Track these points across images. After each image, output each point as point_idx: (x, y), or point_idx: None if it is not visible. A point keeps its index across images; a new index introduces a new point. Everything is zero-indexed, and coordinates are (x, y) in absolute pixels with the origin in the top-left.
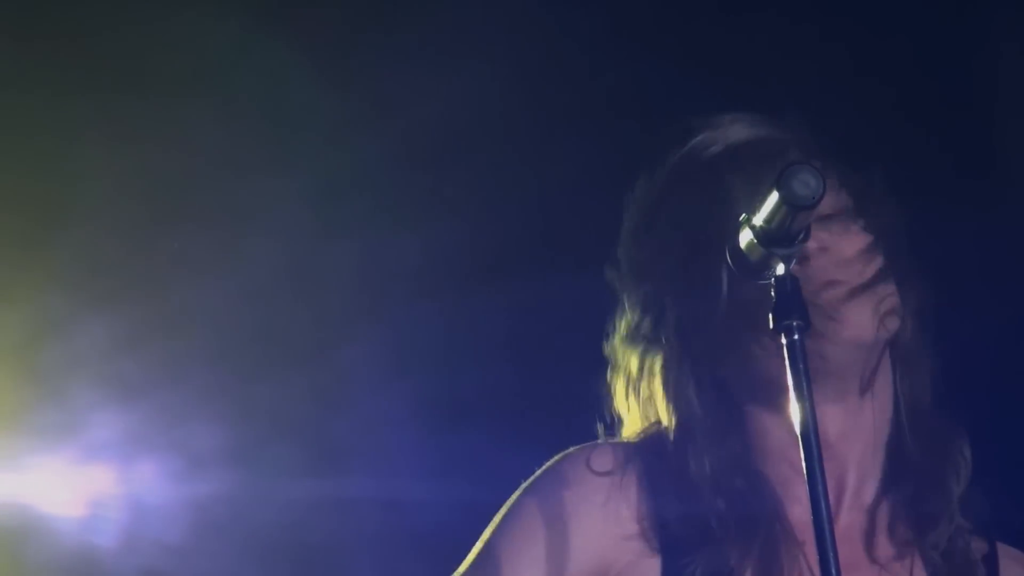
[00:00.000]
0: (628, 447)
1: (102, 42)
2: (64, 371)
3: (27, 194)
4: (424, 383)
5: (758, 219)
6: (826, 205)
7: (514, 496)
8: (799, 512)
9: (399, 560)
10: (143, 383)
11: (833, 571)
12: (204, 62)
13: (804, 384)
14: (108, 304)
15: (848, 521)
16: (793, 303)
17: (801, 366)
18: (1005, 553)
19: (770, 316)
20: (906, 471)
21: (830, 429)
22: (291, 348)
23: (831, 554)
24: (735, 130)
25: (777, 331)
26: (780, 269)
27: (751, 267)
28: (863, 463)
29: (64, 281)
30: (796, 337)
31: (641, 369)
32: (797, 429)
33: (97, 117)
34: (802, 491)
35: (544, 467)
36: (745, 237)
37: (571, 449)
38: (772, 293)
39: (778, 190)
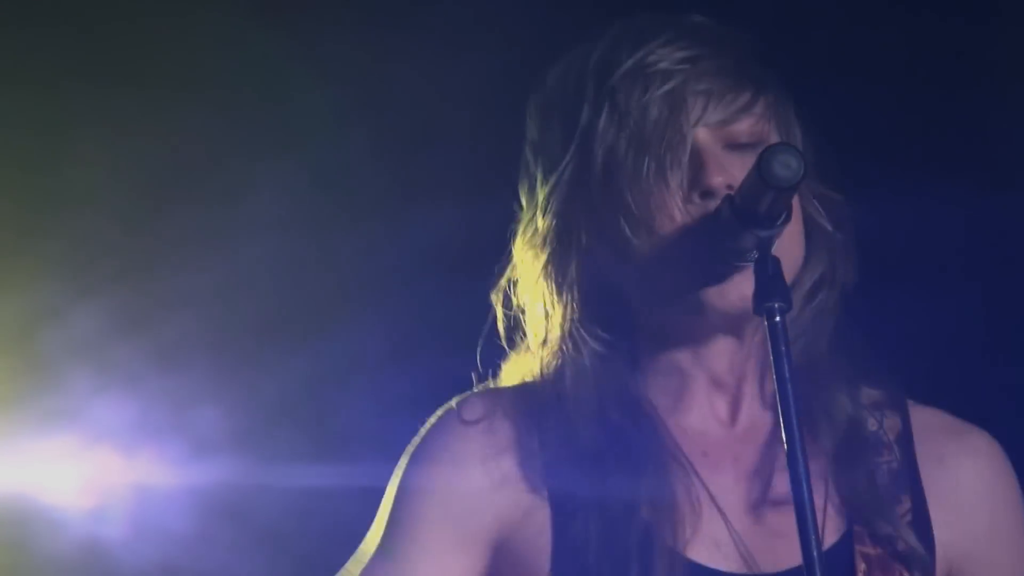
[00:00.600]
0: (502, 391)
1: (96, 32)
2: (67, 359)
3: (24, 181)
4: (433, 368)
5: (738, 199)
6: (744, 132)
7: (398, 470)
8: (685, 423)
9: None
10: (148, 370)
11: (814, 553)
12: (199, 51)
13: (785, 367)
14: (111, 291)
15: (749, 422)
16: (775, 285)
17: (783, 348)
18: (922, 423)
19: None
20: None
21: (719, 347)
22: (299, 332)
23: (814, 543)
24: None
25: (759, 314)
26: (761, 250)
27: (731, 248)
28: (761, 370)
29: (64, 269)
30: (778, 320)
31: (532, 266)
32: (780, 411)
33: (92, 106)
34: (694, 402)
35: (422, 429)
36: (725, 217)
37: (444, 405)
38: (753, 275)
39: (758, 170)
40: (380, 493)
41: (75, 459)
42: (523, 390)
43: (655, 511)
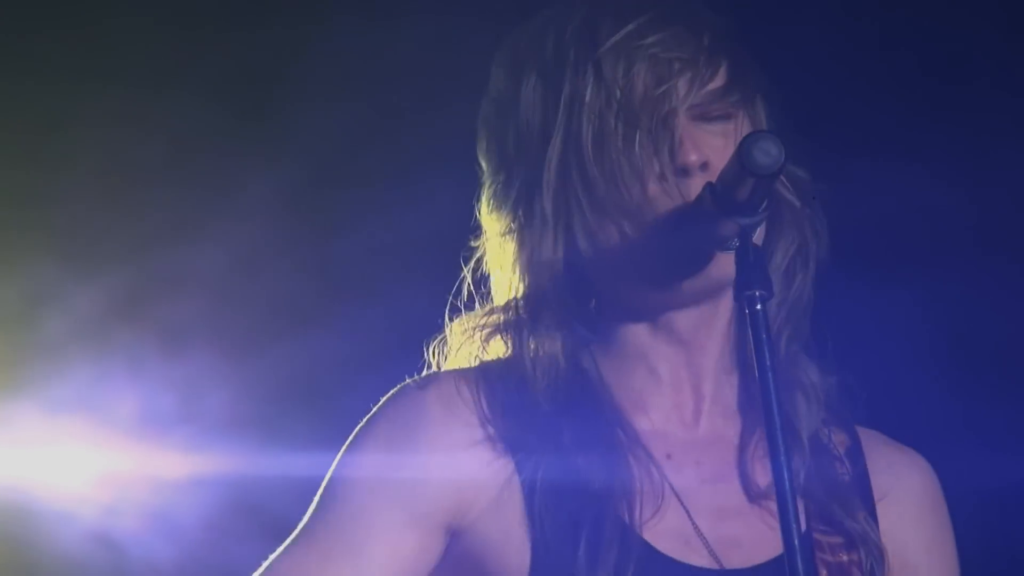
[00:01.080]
0: (461, 371)
1: (93, 19)
2: (72, 345)
3: (26, 166)
4: None
5: (719, 186)
6: (716, 107)
7: (341, 450)
8: (647, 424)
9: None
10: (155, 356)
11: (796, 542)
12: (196, 37)
13: (766, 355)
14: (115, 275)
15: (711, 427)
16: (755, 273)
17: (764, 337)
18: (868, 439)
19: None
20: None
21: (683, 326)
22: (314, 315)
23: (793, 526)
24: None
25: (739, 301)
26: (742, 238)
27: (712, 235)
28: (718, 368)
29: (64, 252)
30: (759, 308)
31: (503, 249)
32: (760, 396)
33: (93, 89)
34: (656, 402)
35: (373, 410)
36: (706, 204)
37: (392, 390)
38: (734, 262)
39: (738, 158)
40: None
41: (81, 448)
42: (481, 370)
43: (625, 504)
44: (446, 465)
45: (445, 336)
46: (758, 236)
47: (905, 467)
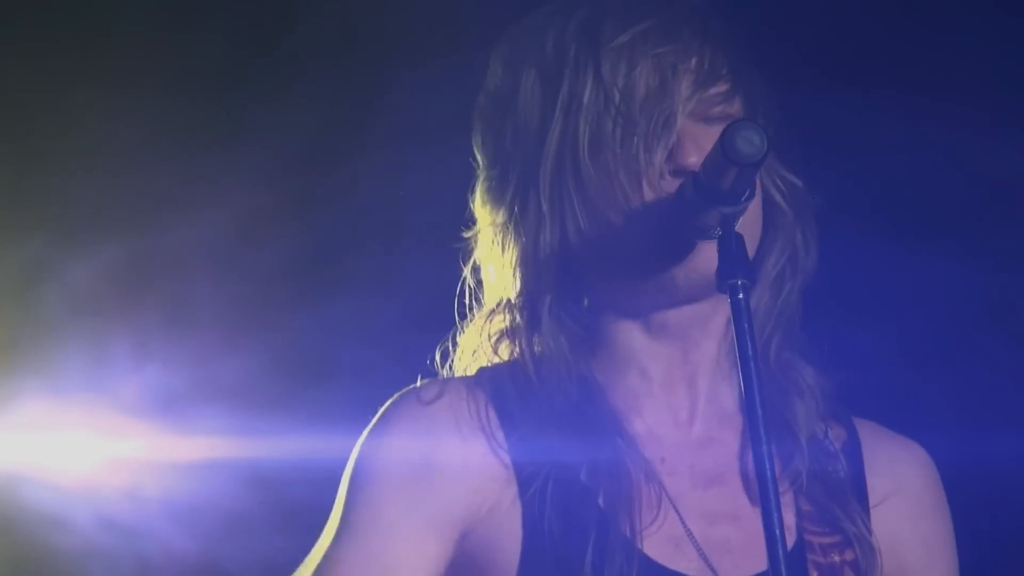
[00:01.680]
0: (461, 378)
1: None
2: (73, 324)
3: (26, 143)
4: None
5: (702, 175)
6: (718, 110)
7: (355, 452)
8: (642, 426)
9: None
10: (161, 331)
11: (776, 531)
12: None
13: (748, 343)
14: (117, 249)
15: (705, 429)
16: (738, 262)
17: (746, 326)
18: (866, 433)
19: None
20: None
21: (676, 323)
22: (322, 286)
23: (775, 516)
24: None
25: (721, 290)
26: (724, 227)
27: (695, 224)
28: (714, 367)
29: (63, 228)
30: (741, 296)
31: (497, 243)
32: (741, 384)
33: (85, 61)
34: (649, 404)
35: (374, 421)
36: (689, 193)
37: (393, 397)
38: (717, 251)
39: (721, 146)
40: None
41: (86, 430)
42: (480, 377)
43: (627, 517)
44: (458, 473)
45: (450, 340)
46: (747, 229)
47: (904, 463)
